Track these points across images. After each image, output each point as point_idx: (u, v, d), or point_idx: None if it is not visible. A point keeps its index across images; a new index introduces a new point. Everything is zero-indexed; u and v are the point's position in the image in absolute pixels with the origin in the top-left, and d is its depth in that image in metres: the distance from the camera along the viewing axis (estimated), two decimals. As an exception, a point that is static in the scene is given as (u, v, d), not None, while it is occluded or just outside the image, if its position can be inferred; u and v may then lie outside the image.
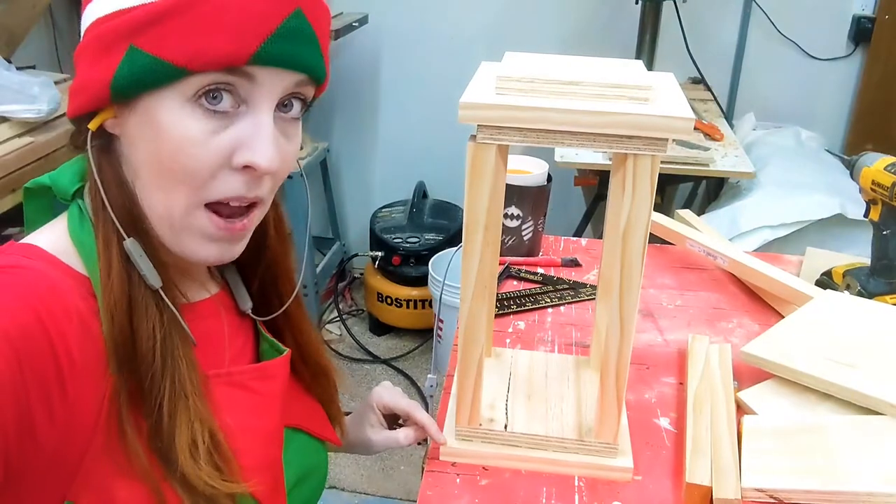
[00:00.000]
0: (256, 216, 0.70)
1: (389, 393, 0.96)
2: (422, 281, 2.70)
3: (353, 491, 2.23)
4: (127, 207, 0.66)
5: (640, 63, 0.79)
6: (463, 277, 0.78)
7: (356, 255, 3.13)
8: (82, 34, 0.65)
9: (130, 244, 0.65)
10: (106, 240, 0.65)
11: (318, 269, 2.87)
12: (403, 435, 0.92)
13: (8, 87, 1.91)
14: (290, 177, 0.72)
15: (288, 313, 0.82)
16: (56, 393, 0.59)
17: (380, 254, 2.77)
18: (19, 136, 1.95)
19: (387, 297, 2.81)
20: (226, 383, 0.73)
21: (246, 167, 0.64)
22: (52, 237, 0.66)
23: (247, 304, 0.81)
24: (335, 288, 3.10)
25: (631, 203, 0.72)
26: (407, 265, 2.75)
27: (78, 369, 0.60)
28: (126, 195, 0.66)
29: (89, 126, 0.65)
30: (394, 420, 0.97)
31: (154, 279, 0.66)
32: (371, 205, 3.01)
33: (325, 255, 2.99)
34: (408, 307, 2.79)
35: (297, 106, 0.67)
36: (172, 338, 0.66)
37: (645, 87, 0.70)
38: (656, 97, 0.72)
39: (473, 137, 0.73)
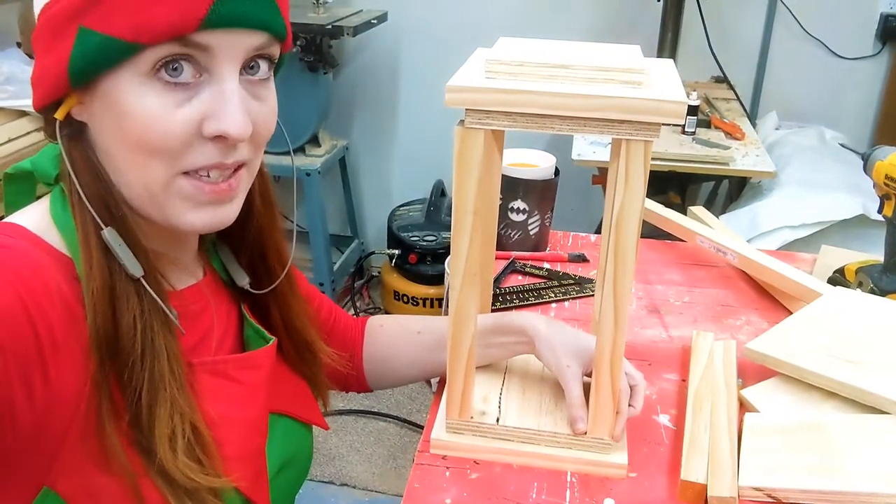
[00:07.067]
0: (244, 177, 0.68)
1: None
2: (438, 279, 2.69)
3: (365, 489, 2.22)
4: (102, 196, 0.65)
5: (637, 48, 0.77)
6: (452, 264, 0.77)
7: (373, 252, 3.13)
8: (36, 20, 0.62)
9: (108, 234, 0.64)
10: (84, 230, 0.64)
11: (336, 267, 2.87)
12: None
13: (27, 81, 1.93)
14: (307, 174, 0.70)
15: (275, 289, 0.80)
16: (37, 374, 0.58)
17: (397, 252, 2.76)
18: (38, 129, 1.96)
19: (403, 295, 2.80)
20: (209, 372, 0.72)
21: (217, 136, 0.62)
22: (36, 217, 0.66)
23: (243, 280, 0.79)
24: (352, 286, 3.10)
25: (624, 189, 0.71)
26: (424, 263, 2.74)
27: (60, 350, 0.59)
28: (101, 183, 0.65)
29: (56, 116, 0.63)
30: None
31: (134, 268, 0.64)
32: (389, 203, 3.01)
33: (343, 253, 2.99)
34: (424, 305, 2.78)
35: (264, 66, 0.65)
36: (153, 328, 0.65)
37: (638, 70, 0.68)
38: (650, 82, 0.70)
39: (462, 122, 0.71)
